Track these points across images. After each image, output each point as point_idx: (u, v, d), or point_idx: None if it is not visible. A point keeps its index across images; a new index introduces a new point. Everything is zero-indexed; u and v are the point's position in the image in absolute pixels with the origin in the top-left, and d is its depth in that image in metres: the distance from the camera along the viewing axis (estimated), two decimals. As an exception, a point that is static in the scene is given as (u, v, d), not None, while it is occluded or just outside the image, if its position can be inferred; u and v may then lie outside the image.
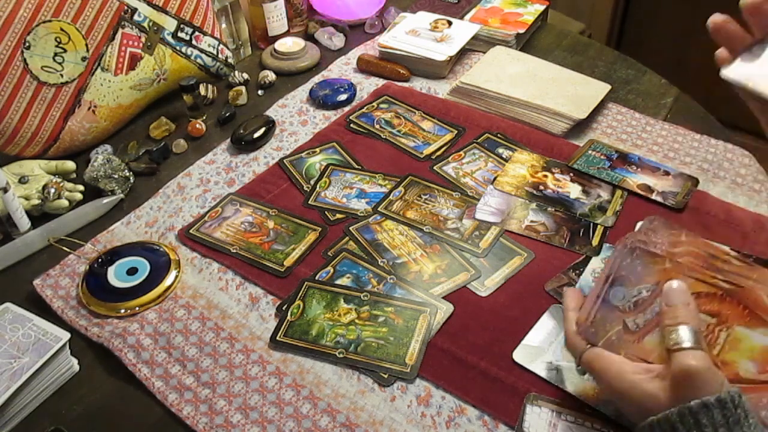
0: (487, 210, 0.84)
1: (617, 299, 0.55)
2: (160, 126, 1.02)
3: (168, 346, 0.70)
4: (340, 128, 1.01)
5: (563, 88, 1.03)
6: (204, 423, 0.63)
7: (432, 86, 1.11)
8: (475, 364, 0.67)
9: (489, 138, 0.97)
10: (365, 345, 0.68)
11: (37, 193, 0.86)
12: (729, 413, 0.46)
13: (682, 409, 0.47)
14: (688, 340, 0.49)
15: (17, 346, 0.64)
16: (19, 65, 0.88)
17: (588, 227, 0.82)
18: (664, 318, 0.51)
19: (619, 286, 0.55)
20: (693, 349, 0.48)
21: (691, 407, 0.46)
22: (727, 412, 0.46)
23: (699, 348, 0.48)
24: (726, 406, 0.46)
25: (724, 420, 0.45)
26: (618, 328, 0.54)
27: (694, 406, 0.46)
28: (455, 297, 0.73)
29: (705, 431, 0.46)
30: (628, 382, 0.51)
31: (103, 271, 0.77)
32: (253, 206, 0.86)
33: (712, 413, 0.46)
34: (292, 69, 1.15)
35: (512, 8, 1.25)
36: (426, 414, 0.63)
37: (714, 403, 0.46)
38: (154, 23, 1.01)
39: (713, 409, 0.46)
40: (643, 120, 1.01)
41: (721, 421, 0.45)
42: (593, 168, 0.90)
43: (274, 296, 0.75)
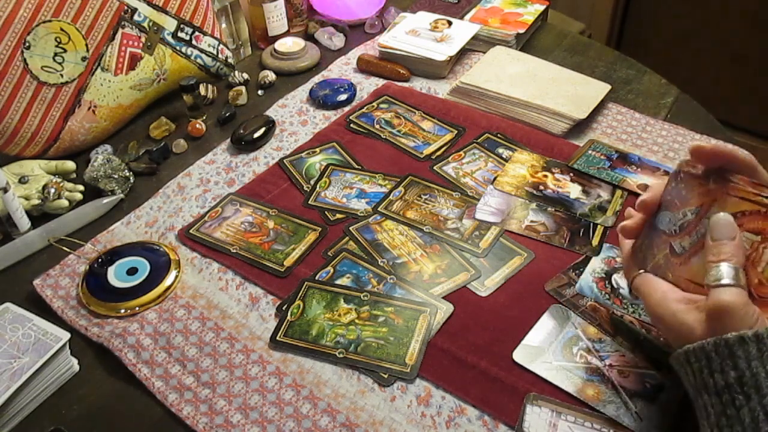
0: (487, 210, 0.84)
1: (664, 224, 0.56)
2: (160, 126, 1.02)
3: (168, 346, 0.70)
4: (340, 128, 1.01)
5: (563, 88, 1.03)
6: (204, 423, 0.63)
7: (432, 86, 1.11)
8: (475, 364, 0.67)
9: (489, 138, 0.97)
10: (365, 345, 0.68)
11: (37, 193, 0.86)
12: (764, 347, 0.46)
13: (718, 340, 0.48)
14: (728, 276, 0.49)
15: (17, 346, 0.64)
16: (19, 65, 0.88)
17: (588, 227, 0.82)
18: (708, 253, 0.51)
19: (665, 211, 0.56)
20: (731, 286, 0.49)
21: (728, 339, 0.47)
22: (762, 346, 0.46)
23: (737, 285, 0.49)
24: (762, 341, 0.46)
25: (759, 354, 0.46)
26: (665, 252, 0.55)
27: (731, 338, 0.47)
28: (455, 297, 0.73)
29: (738, 363, 0.47)
30: (670, 310, 0.53)
31: (103, 271, 0.77)
32: (253, 206, 0.86)
33: (748, 346, 0.46)
34: (292, 69, 1.15)
35: (512, 8, 1.25)
36: (426, 414, 0.63)
37: (751, 337, 0.47)
38: (154, 23, 1.01)
39: (749, 342, 0.47)
40: (643, 120, 1.01)
41: (755, 354, 0.46)
42: (593, 168, 0.90)
43: (274, 296, 0.75)
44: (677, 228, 0.54)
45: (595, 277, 0.74)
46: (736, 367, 0.47)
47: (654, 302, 0.54)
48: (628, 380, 0.63)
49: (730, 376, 0.47)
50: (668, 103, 1.05)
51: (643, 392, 0.62)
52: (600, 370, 0.65)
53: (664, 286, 0.55)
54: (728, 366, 0.47)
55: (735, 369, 0.47)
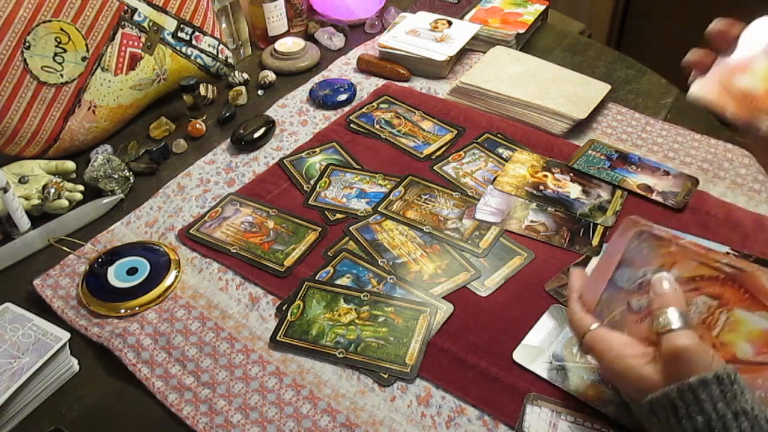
0: (487, 210, 0.84)
1: (623, 281, 0.56)
2: (160, 126, 1.02)
3: (168, 346, 0.70)
4: (340, 128, 1.01)
5: (563, 88, 1.03)
6: (204, 423, 0.63)
7: (432, 86, 1.11)
8: (475, 364, 0.67)
9: (489, 138, 0.97)
10: (365, 345, 0.68)
11: (37, 193, 0.86)
12: (726, 388, 0.46)
13: (681, 386, 0.48)
14: (676, 321, 0.50)
15: (17, 346, 0.64)
16: (19, 65, 0.88)
17: (588, 227, 0.82)
18: (653, 305, 0.52)
19: (626, 268, 0.56)
20: (681, 330, 0.49)
21: (691, 383, 0.47)
22: (724, 387, 0.46)
23: (686, 328, 0.50)
24: (723, 382, 0.47)
25: (722, 395, 0.46)
26: (622, 308, 0.56)
27: (694, 382, 0.47)
28: (455, 297, 0.73)
29: (704, 406, 0.46)
30: (626, 365, 0.52)
31: (103, 271, 0.77)
32: (253, 206, 0.86)
33: (711, 389, 0.47)
34: (292, 69, 1.15)
35: (512, 8, 1.25)
36: (426, 414, 0.63)
37: (712, 379, 0.47)
38: (154, 23, 1.01)
39: (711, 384, 0.47)
40: (643, 120, 1.01)
41: (719, 396, 0.46)
42: (593, 168, 0.90)
43: (274, 296, 0.75)
44: (636, 286, 0.56)
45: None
46: (703, 412, 0.46)
47: (610, 358, 0.54)
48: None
49: (698, 421, 0.47)
50: (668, 103, 1.05)
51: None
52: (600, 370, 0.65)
53: (620, 340, 0.54)
54: (695, 411, 0.47)
55: (701, 414, 0.46)
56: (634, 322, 0.55)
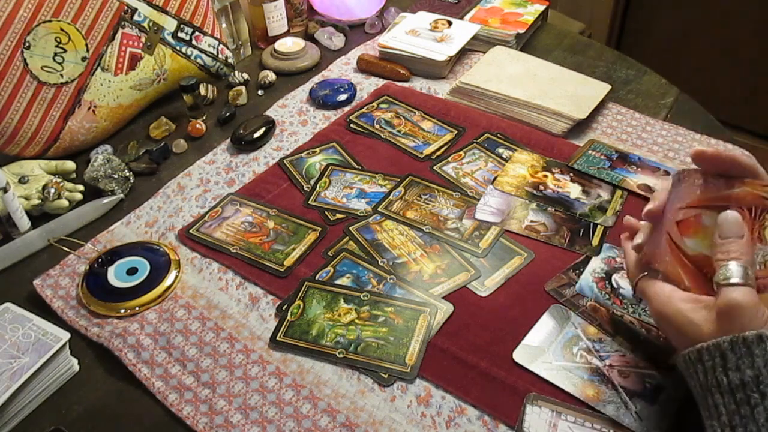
0: (487, 210, 0.84)
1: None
2: (160, 126, 1.02)
3: (168, 346, 0.70)
4: (340, 128, 1.01)
5: (563, 88, 1.03)
6: (204, 423, 0.63)
7: (432, 86, 1.11)
8: (475, 364, 0.67)
9: (489, 138, 0.97)
10: (365, 345, 0.68)
11: (37, 193, 0.86)
12: None
13: (735, 338, 0.47)
14: (738, 275, 0.49)
15: (17, 346, 0.64)
16: (19, 65, 0.88)
17: (588, 227, 0.82)
18: (717, 252, 0.51)
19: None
20: (741, 285, 0.49)
21: (746, 337, 0.47)
22: None
23: (747, 284, 0.49)
24: None
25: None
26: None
27: (749, 336, 0.47)
28: (455, 297, 0.73)
29: (756, 361, 0.46)
30: (676, 308, 0.52)
31: (103, 271, 0.77)
32: (253, 206, 0.86)
33: (766, 345, 0.46)
34: (292, 69, 1.15)
35: (512, 8, 1.25)
36: (426, 414, 0.63)
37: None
38: (154, 23, 1.01)
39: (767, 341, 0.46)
40: (643, 120, 1.01)
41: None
42: (593, 168, 0.90)
43: (274, 296, 0.75)
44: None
45: (595, 277, 0.74)
46: (753, 366, 0.46)
47: (660, 303, 0.54)
48: (628, 380, 0.63)
49: (747, 374, 0.46)
50: (668, 103, 1.05)
51: (643, 392, 0.62)
52: (600, 370, 0.65)
53: (668, 287, 0.54)
54: (744, 364, 0.47)
55: (752, 367, 0.46)
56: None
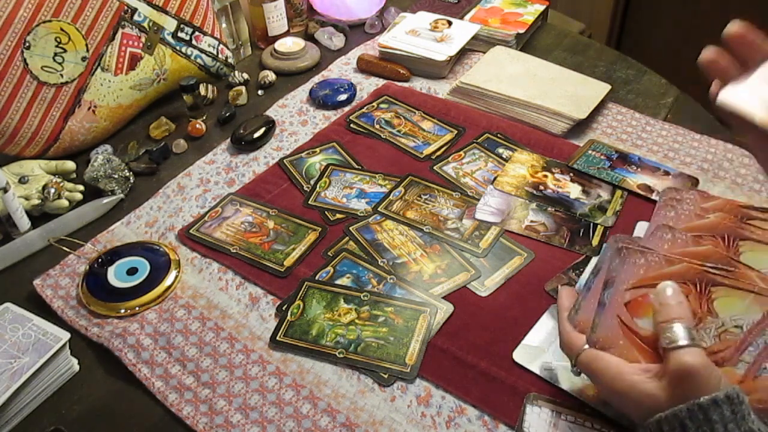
0: (487, 210, 0.84)
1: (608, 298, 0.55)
2: (160, 126, 1.02)
3: (168, 346, 0.70)
4: (340, 128, 1.01)
5: (563, 88, 1.03)
6: (204, 423, 0.63)
7: (432, 86, 1.11)
8: (475, 364, 0.67)
9: (489, 138, 0.97)
10: (365, 345, 0.68)
11: (37, 193, 0.86)
12: (737, 408, 0.45)
13: (691, 406, 0.46)
14: (684, 337, 0.48)
15: (17, 346, 0.64)
16: (19, 65, 0.88)
17: (588, 227, 0.82)
18: (658, 317, 0.51)
19: (611, 288, 0.55)
20: (689, 347, 0.48)
21: (701, 404, 0.46)
22: (735, 407, 0.45)
23: (695, 345, 0.48)
24: (734, 402, 0.46)
25: (733, 416, 0.45)
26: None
27: (704, 402, 0.46)
28: (455, 297, 0.73)
29: (715, 427, 0.45)
30: (627, 383, 0.51)
31: (103, 271, 0.77)
32: (253, 206, 0.86)
33: (722, 409, 0.45)
34: (292, 69, 1.15)
35: (512, 8, 1.25)
36: (426, 414, 0.63)
37: (723, 399, 0.46)
38: (154, 23, 1.01)
39: (722, 404, 0.45)
40: (643, 120, 1.01)
41: (730, 416, 0.45)
42: (593, 168, 0.90)
43: (274, 296, 0.75)
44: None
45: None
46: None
47: (609, 377, 0.52)
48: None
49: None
50: (668, 103, 1.05)
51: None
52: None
53: (616, 361, 0.52)
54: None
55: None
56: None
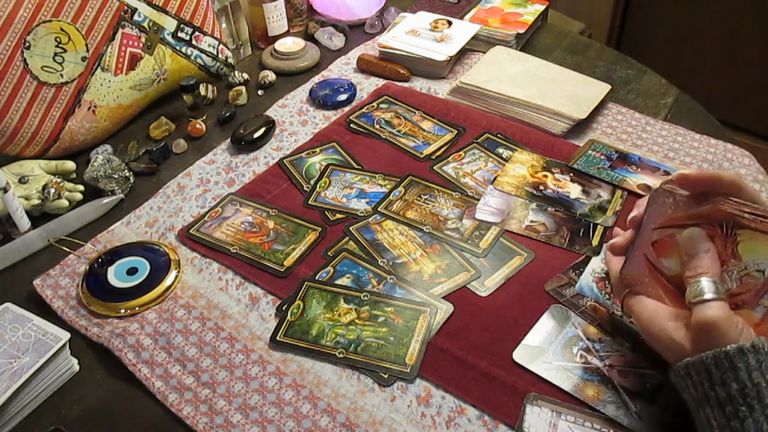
0: (487, 210, 0.84)
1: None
2: (160, 126, 1.02)
3: (168, 346, 0.70)
4: (340, 128, 1.01)
5: (563, 88, 1.03)
6: (204, 423, 0.63)
7: (432, 86, 1.11)
8: (475, 364, 0.67)
9: (489, 138, 0.97)
10: (365, 345, 0.68)
11: (37, 193, 0.86)
12: (762, 358, 0.47)
13: (717, 353, 0.48)
14: (709, 291, 0.50)
15: (17, 346, 0.64)
16: (19, 65, 0.88)
17: (588, 227, 0.82)
18: (686, 269, 0.53)
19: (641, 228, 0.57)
20: (713, 301, 0.50)
21: (728, 351, 0.48)
22: (761, 356, 0.47)
23: (718, 298, 0.50)
24: (759, 351, 0.47)
25: (758, 364, 0.47)
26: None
27: (731, 350, 0.48)
28: (455, 297, 0.73)
29: (740, 374, 0.47)
30: (659, 327, 0.54)
31: (103, 271, 0.77)
32: (253, 206, 0.86)
33: (747, 358, 0.47)
34: (292, 69, 1.15)
35: (512, 8, 1.25)
36: (426, 414, 0.63)
37: (749, 348, 0.47)
38: (154, 23, 1.01)
39: (748, 354, 0.47)
40: (643, 120, 1.01)
41: (755, 365, 0.47)
42: (593, 168, 0.90)
43: (274, 296, 0.75)
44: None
45: (595, 277, 0.74)
46: (738, 379, 0.47)
47: (645, 321, 0.55)
48: (628, 380, 0.63)
49: (732, 388, 0.47)
50: (668, 103, 1.05)
51: (643, 392, 0.62)
52: (600, 370, 0.65)
53: (652, 305, 0.56)
54: (729, 378, 0.48)
55: (736, 381, 0.47)
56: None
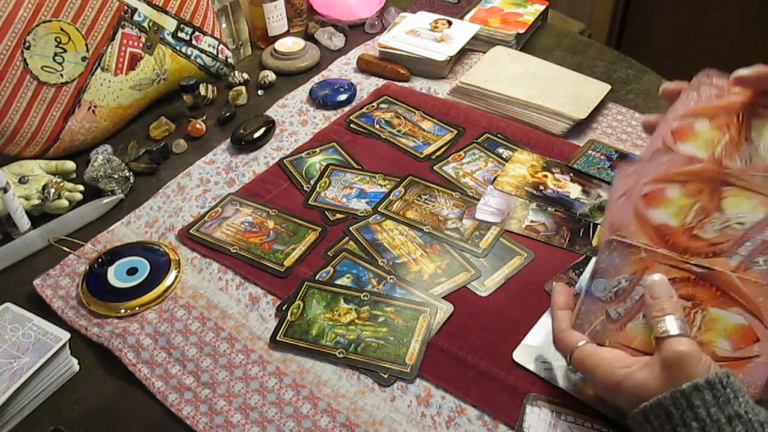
0: (487, 210, 0.84)
1: (599, 291, 0.57)
2: (160, 126, 1.02)
3: (168, 346, 0.70)
4: (340, 128, 1.01)
5: (563, 88, 1.03)
6: (204, 423, 0.63)
7: (432, 86, 1.11)
8: (475, 364, 0.67)
9: (489, 138, 0.97)
10: (365, 345, 0.68)
11: (37, 193, 0.86)
12: (719, 393, 0.47)
13: (674, 392, 0.48)
14: (676, 327, 0.51)
15: (17, 346, 0.64)
16: (19, 65, 0.88)
17: (588, 227, 0.82)
18: (651, 310, 0.53)
19: (600, 278, 0.57)
20: (681, 336, 0.50)
21: (683, 390, 0.48)
22: (717, 392, 0.47)
23: (686, 335, 0.51)
24: (715, 387, 0.47)
25: (715, 400, 0.47)
26: (601, 318, 0.57)
27: (686, 388, 0.48)
28: (455, 297, 0.73)
29: (698, 412, 0.47)
30: (619, 376, 0.53)
31: (103, 271, 0.77)
32: (253, 206, 0.86)
33: (703, 394, 0.47)
34: (292, 69, 1.15)
35: (512, 8, 1.25)
36: (426, 414, 0.63)
37: (704, 385, 0.47)
38: (154, 23, 1.01)
39: (704, 390, 0.47)
40: (643, 120, 1.01)
41: (711, 401, 0.47)
42: (593, 168, 0.90)
43: (274, 296, 0.75)
44: (612, 294, 0.57)
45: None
46: (697, 418, 0.47)
47: (602, 372, 0.54)
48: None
49: (693, 427, 0.47)
50: (668, 104, 1.05)
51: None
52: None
53: (608, 355, 0.55)
54: (689, 417, 0.47)
55: (696, 420, 0.47)
56: (614, 331, 0.56)
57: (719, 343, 0.53)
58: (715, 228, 0.55)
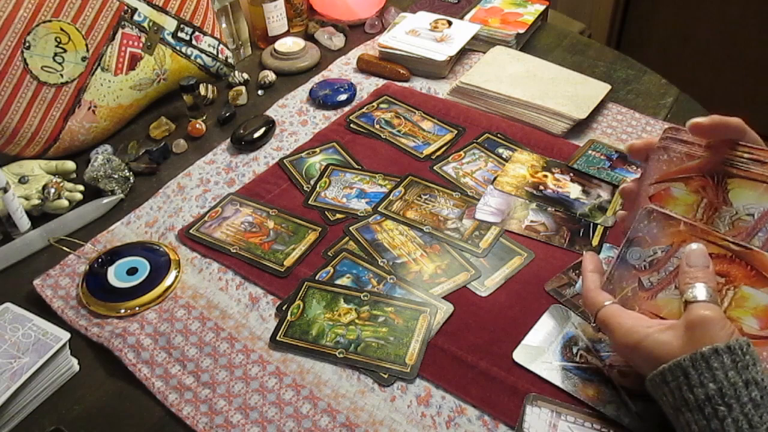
0: (487, 210, 0.84)
1: (634, 259, 0.58)
2: (160, 126, 1.02)
3: (168, 346, 0.70)
4: (340, 128, 1.01)
5: (563, 88, 1.03)
6: (204, 423, 0.63)
7: (432, 86, 1.11)
8: (475, 364, 0.67)
9: (489, 138, 0.97)
10: (365, 345, 0.68)
11: (37, 193, 0.86)
12: (738, 358, 0.48)
13: (694, 354, 0.49)
14: (705, 294, 0.52)
15: (17, 346, 0.64)
16: (19, 65, 0.88)
17: (588, 227, 0.82)
18: (685, 276, 0.54)
19: (636, 247, 0.58)
20: (708, 302, 0.51)
21: (703, 353, 0.49)
22: (736, 357, 0.48)
23: (713, 302, 0.52)
24: (735, 352, 0.48)
25: (733, 364, 0.48)
26: (633, 286, 0.58)
27: (706, 351, 0.49)
28: (455, 297, 0.73)
29: (717, 375, 0.48)
30: (641, 334, 0.54)
31: (103, 271, 0.77)
32: (253, 206, 0.86)
33: (722, 358, 0.48)
34: (292, 69, 1.15)
35: (512, 8, 1.25)
36: (426, 414, 0.63)
37: (724, 349, 0.48)
38: (154, 23, 1.01)
39: (723, 354, 0.48)
40: (643, 120, 1.01)
41: (730, 365, 0.48)
42: (593, 168, 0.90)
43: (274, 296, 0.75)
44: (647, 264, 0.58)
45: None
46: (715, 379, 0.48)
47: (624, 331, 0.55)
48: (628, 380, 0.63)
49: (710, 388, 0.48)
50: (668, 103, 1.05)
51: (643, 392, 0.62)
52: (600, 370, 0.65)
53: (632, 316, 0.56)
54: (707, 379, 0.48)
55: (714, 381, 0.48)
56: (644, 299, 0.57)
57: (747, 321, 0.54)
58: (726, 222, 0.56)
